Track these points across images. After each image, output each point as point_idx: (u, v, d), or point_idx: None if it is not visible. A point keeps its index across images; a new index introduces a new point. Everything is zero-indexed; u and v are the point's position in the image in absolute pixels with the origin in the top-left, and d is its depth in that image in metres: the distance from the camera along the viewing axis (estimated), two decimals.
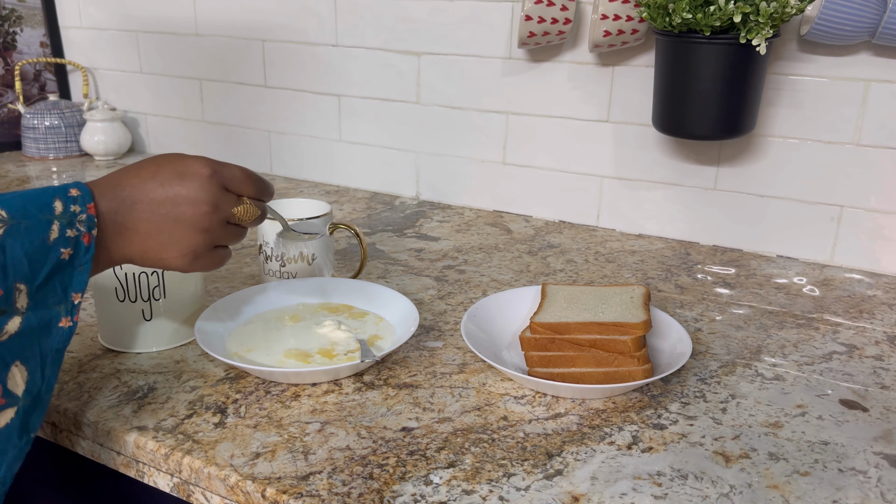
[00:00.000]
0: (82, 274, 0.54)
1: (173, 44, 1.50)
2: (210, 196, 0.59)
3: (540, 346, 0.72)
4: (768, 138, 1.05)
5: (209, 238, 0.60)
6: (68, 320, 0.54)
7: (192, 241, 0.59)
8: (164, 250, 0.59)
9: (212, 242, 0.61)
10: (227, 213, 0.61)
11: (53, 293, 0.53)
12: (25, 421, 0.52)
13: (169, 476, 0.63)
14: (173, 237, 0.58)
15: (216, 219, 0.60)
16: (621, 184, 1.16)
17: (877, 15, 0.89)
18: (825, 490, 0.59)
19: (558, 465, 0.61)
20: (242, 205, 0.63)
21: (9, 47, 1.61)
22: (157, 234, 0.58)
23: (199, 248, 0.60)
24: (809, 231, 1.06)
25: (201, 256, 0.61)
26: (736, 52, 0.91)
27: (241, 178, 0.62)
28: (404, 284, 0.96)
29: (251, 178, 0.63)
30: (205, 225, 0.59)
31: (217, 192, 0.60)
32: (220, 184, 0.60)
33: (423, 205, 1.30)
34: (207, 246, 0.61)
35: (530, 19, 1.04)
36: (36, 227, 0.51)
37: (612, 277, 1.00)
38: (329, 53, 1.33)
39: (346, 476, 0.59)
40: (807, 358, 0.80)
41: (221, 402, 0.69)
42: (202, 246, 0.60)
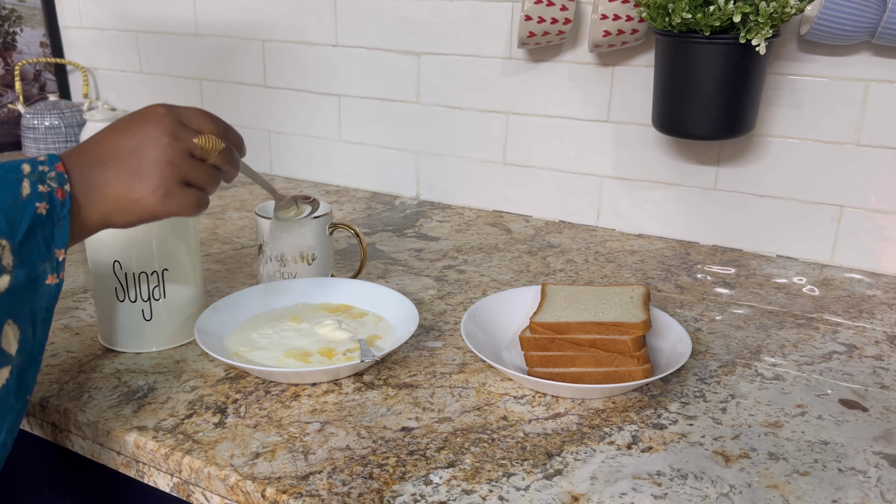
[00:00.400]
0: (62, 229, 0.55)
1: (173, 44, 1.50)
2: (168, 128, 0.60)
3: (540, 346, 0.72)
4: (768, 138, 1.05)
5: (176, 171, 0.60)
6: (55, 277, 0.55)
7: (160, 174, 0.59)
8: (134, 190, 0.58)
9: (180, 176, 0.60)
10: (189, 143, 0.61)
11: (37, 249, 0.54)
12: (21, 381, 0.53)
13: (169, 476, 0.64)
14: (141, 175, 0.58)
15: (178, 148, 0.60)
16: (621, 184, 1.16)
17: (876, 15, 0.89)
18: (825, 490, 0.59)
19: (558, 465, 0.61)
20: (203, 135, 0.62)
21: (9, 47, 1.61)
22: (124, 176, 0.58)
23: (168, 182, 0.59)
24: (809, 231, 1.06)
25: (173, 192, 0.59)
26: (736, 52, 0.91)
27: (198, 114, 0.63)
28: (404, 284, 0.96)
29: (209, 115, 0.64)
30: (168, 156, 0.59)
31: (174, 125, 0.60)
32: (176, 118, 0.61)
33: (423, 205, 1.30)
34: (176, 180, 0.60)
35: (530, 19, 1.04)
36: (5, 184, 0.52)
37: (611, 277, 1.00)
38: (329, 53, 1.33)
39: (346, 476, 0.59)
40: (807, 358, 0.80)
41: (221, 402, 0.69)
42: (170, 179, 0.59)
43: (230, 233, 1.15)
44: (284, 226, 0.88)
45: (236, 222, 1.19)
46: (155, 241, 0.75)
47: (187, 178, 0.60)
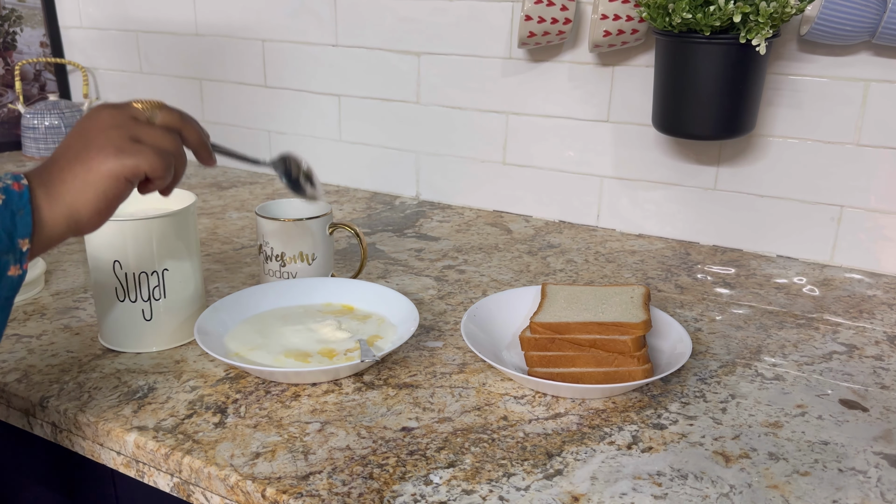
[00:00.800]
0: (24, 217, 0.54)
1: (173, 44, 1.50)
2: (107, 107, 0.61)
3: (540, 346, 0.72)
4: (768, 138, 1.05)
5: (122, 132, 0.59)
6: (17, 268, 0.54)
7: (106, 137, 0.58)
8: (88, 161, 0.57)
9: (127, 134, 0.59)
10: (129, 109, 0.61)
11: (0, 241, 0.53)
12: None
13: (169, 476, 0.63)
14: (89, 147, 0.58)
15: (119, 114, 0.60)
16: (621, 184, 1.16)
17: (877, 15, 0.89)
18: (825, 490, 0.59)
19: (558, 465, 0.61)
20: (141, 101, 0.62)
21: (9, 47, 1.61)
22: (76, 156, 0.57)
23: (117, 140, 0.58)
24: (809, 231, 1.06)
25: (124, 148, 0.58)
26: (736, 52, 0.91)
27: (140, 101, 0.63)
28: (404, 284, 0.96)
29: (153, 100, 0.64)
30: (110, 123, 0.59)
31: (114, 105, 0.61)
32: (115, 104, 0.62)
33: (423, 205, 1.30)
34: (124, 137, 0.59)
35: (530, 19, 1.04)
36: None
37: (612, 277, 1.00)
38: (329, 53, 1.33)
39: (346, 476, 0.59)
40: (807, 358, 0.80)
41: (221, 402, 0.69)
42: (118, 138, 0.58)
43: (230, 233, 1.15)
44: (285, 226, 0.88)
45: (236, 222, 1.19)
46: (155, 241, 0.75)
47: (136, 135, 0.59)
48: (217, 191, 1.36)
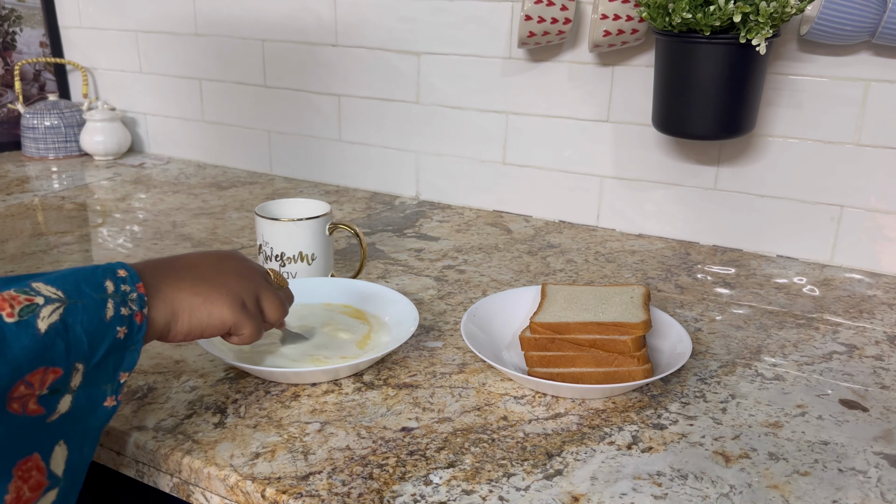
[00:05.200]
0: (133, 353, 0.54)
1: (173, 44, 1.50)
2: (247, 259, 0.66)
3: (540, 346, 0.72)
4: (768, 138, 1.05)
5: (253, 286, 0.63)
6: (113, 399, 0.53)
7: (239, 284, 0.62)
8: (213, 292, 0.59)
9: (256, 291, 0.63)
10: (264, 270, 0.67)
11: (105, 372, 0.52)
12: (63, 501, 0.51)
13: (169, 476, 0.63)
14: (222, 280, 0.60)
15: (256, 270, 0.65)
16: (621, 184, 1.16)
17: (877, 15, 0.89)
18: (825, 490, 0.59)
19: (558, 465, 0.61)
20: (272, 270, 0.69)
21: (8, 47, 1.61)
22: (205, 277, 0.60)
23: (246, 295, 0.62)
24: (809, 231, 1.06)
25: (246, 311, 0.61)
26: (736, 51, 0.91)
27: None
28: (404, 284, 0.96)
29: None
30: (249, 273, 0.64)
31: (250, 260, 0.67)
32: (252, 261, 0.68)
33: (422, 205, 1.30)
34: (251, 295, 0.62)
35: (530, 19, 1.04)
36: (92, 305, 0.50)
37: (612, 277, 1.00)
38: (329, 53, 1.33)
39: (345, 476, 0.59)
40: (807, 358, 0.80)
41: (221, 402, 0.69)
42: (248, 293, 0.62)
43: (230, 233, 1.15)
44: (284, 226, 0.88)
45: (236, 222, 1.19)
46: None
47: (260, 296, 0.63)
48: (217, 191, 1.36)
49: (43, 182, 1.41)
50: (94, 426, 0.52)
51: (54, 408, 0.49)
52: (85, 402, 0.51)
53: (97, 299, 0.51)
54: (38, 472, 0.48)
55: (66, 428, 0.50)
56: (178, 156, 1.59)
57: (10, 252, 1.05)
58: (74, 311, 0.49)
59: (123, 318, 0.52)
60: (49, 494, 0.49)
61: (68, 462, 0.50)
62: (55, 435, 0.49)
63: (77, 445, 0.51)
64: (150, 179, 1.43)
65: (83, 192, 1.35)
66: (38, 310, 0.47)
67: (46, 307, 0.48)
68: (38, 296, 0.48)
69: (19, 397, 0.47)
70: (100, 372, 0.51)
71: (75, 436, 0.51)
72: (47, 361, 0.47)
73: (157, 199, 1.31)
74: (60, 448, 0.50)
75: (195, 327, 0.58)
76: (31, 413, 0.47)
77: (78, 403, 0.50)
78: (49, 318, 0.48)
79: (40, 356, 0.47)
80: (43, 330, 0.47)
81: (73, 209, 1.26)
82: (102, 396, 0.52)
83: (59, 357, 0.48)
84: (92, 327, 0.50)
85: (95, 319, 0.50)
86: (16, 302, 0.47)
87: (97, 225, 1.20)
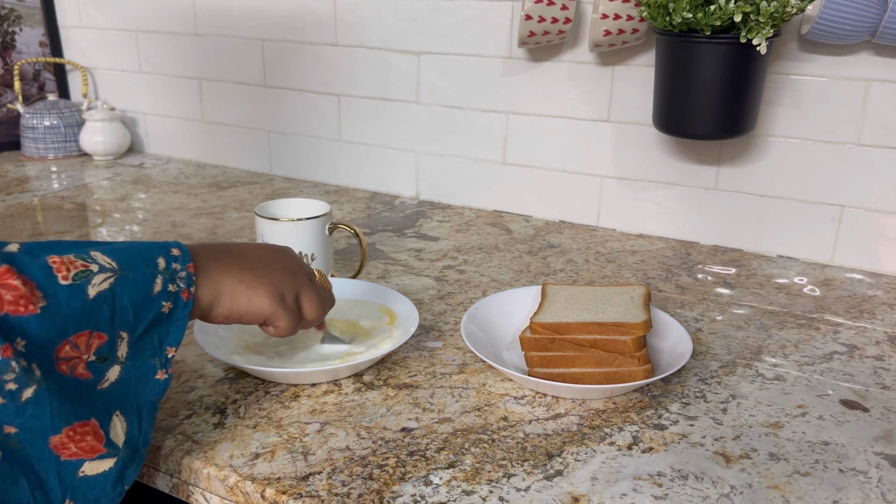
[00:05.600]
0: (179, 328, 0.56)
1: (173, 44, 1.50)
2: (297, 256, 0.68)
3: (540, 346, 0.72)
4: (768, 138, 1.05)
5: (296, 283, 0.64)
6: (164, 373, 0.56)
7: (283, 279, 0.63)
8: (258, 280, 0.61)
9: (298, 289, 0.64)
10: (311, 269, 0.69)
11: (150, 345, 0.55)
12: (122, 473, 0.53)
13: (168, 476, 0.63)
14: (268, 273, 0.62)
15: (303, 268, 0.67)
16: (621, 184, 1.16)
17: (877, 14, 0.89)
18: (825, 490, 0.59)
19: (558, 466, 0.61)
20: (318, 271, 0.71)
21: (8, 47, 1.61)
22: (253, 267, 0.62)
23: (287, 290, 0.63)
24: (810, 231, 1.06)
25: (285, 304, 0.63)
26: (736, 51, 0.90)
27: None
28: (404, 284, 0.96)
29: None
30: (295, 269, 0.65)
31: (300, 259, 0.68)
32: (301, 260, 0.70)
33: (422, 205, 1.29)
34: (292, 290, 0.64)
35: (530, 19, 1.03)
36: (142, 279, 0.53)
37: (612, 277, 1.00)
38: (329, 53, 1.33)
39: (345, 476, 0.59)
40: (807, 358, 0.80)
41: (221, 403, 0.69)
42: (289, 288, 0.63)
43: (230, 233, 1.14)
44: (284, 226, 0.88)
45: (236, 222, 1.19)
46: None
47: (301, 293, 0.65)
48: (217, 191, 1.36)
49: (42, 182, 1.41)
50: (147, 399, 0.55)
51: (103, 374, 0.52)
52: (134, 373, 0.54)
53: (147, 273, 0.54)
54: (95, 437, 0.51)
55: (120, 398, 0.53)
56: (177, 156, 1.59)
57: None
58: (124, 282, 0.52)
59: (170, 294, 0.55)
60: (106, 461, 0.51)
61: (128, 434, 0.53)
62: (110, 404, 0.52)
63: (134, 417, 0.54)
64: (149, 179, 1.43)
65: (83, 192, 1.35)
66: (92, 277, 0.51)
67: (99, 275, 0.51)
68: (94, 263, 0.51)
69: (67, 359, 0.50)
70: (145, 344, 0.54)
71: (131, 408, 0.54)
72: (93, 325, 0.51)
73: (157, 199, 1.31)
74: (119, 419, 0.53)
75: (234, 311, 0.60)
76: (79, 376, 0.50)
77: (127, 374, 0.53)
78: (100, 286, 0.51)
79: (86, 319, 0.50)
80: (92, 296, 0.50)
81: (72, 209, 1.26)
82: (152, 369, 0.55)
83: (104, 323, 0.51)
84: (138, 299, 0.53)
85: (143, 292, 0.53)
86: (73, 266, 0.50)
87: (97, 225, 1.20)
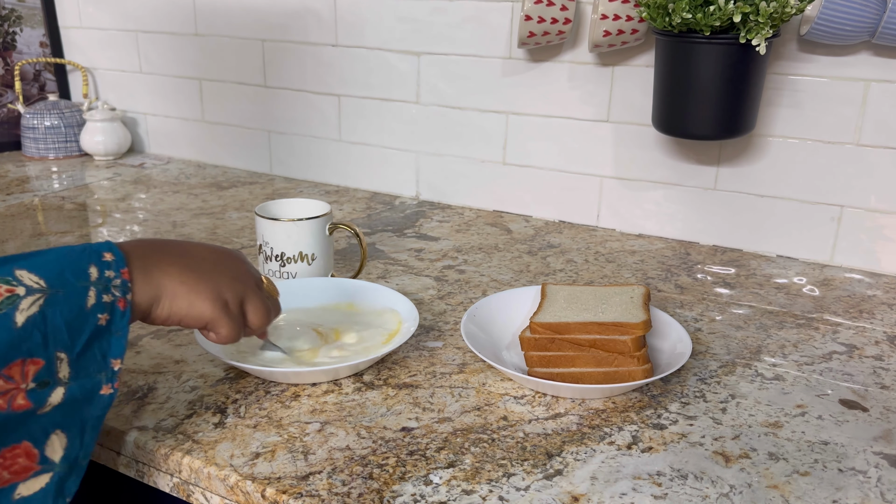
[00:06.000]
0: (120, 339, 0.53)
1: (173, 44, 1.50)
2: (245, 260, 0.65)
3: (540, 346, 0.72)
4: (768, 138, 1.05)
5: (240, 288, 0.62)
6: (109, 387, 0.53)
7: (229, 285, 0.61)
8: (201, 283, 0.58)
9: (241, 294, 0.62)
10: (259, 275, 0.66)
11: (94, 361, 0.52)
12: (60, 487, 0.51)
13: (169, 476, 0.63)
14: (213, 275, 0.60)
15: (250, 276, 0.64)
16: (621, 184, 1.16)
17: (877, 15, 0.89)
18: (825, 490, 0.59)
19: (558, 465, 0.61)
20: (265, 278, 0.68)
21: (8, 47, 1.61)
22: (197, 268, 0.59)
23: (231, 296, 0.61)
24: (809, 231, 1.06)
25: (228, 312, 0.60)
26: (736, 51, 0.91)
27: None
28: (404, 284, 0.96)
29: None
30: (241, 275, 0.62)
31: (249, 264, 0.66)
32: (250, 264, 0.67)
33: (422, 205, 1.30)
34: (237, 296, 0.61)
35: (530, 19, 1.04)
36: (73, 294, 0.50)
37: (612, 277, 1.00)
38: (329, 53, 1.33)
39: (345, 476, 0.59)
40: (807, 358, 0.80)
41: (221, 402, 0.69)
42: (233, 294, 0.61)
43: (230, 233, 1.15)
44: (284, 226, 0.88)
45: (236, 222, 1.19)
46: None
47: (246, 299, 0.62)
48: (217, 191, 1.36)
49: (43, 182, 1.41)
50: (93, 415, 0.53)
51: (44, 401, 0.49)
52: (79, 392, 0.51)
53: (78, 287, 0.51)
54: (28, 458, 0.49)
55: (62, 418, 0.51)
56: (178, 156, 1.59)
57: (10, 252, 1.05)
58: (54, 301, 0.49)
59: (105, 306, 0.52)
60: (41, 477, 0.50)
61: (67, 450, 0.51)
62: (49, 425, 0.50)
63: (76, 434, 0.52)
64: (150, 179, 1.43)
65: (83, 192, 1.35)
66: (18, 301, 0.47)
67: (27, 299, 0.48)
68: (20, 286, 0.48)
69: (2, 393, 0.47)
70: (88, 361, 0.52)
71: (74, 425, 0.51)
72: (24, 353, 0.48)
73: (157, 199, 1.31)
74: (58, 436, 0.50)
75: (174, 314, 0.57)
76: (17, 409, 0.48)
77: (72, 394, 0.51)
78: (28, 311, 0.48)
79: (15, 349, 0.47)
80: (20, 323, 0.47)
81: (73, 209, 1.26)
82: (98, 385, 0.52)
83: (37, 348, 0.48)
84: (71, 316, 0.50)
85: (75, 308, 0.50)
86: None
87: (97, 225, 1.20)
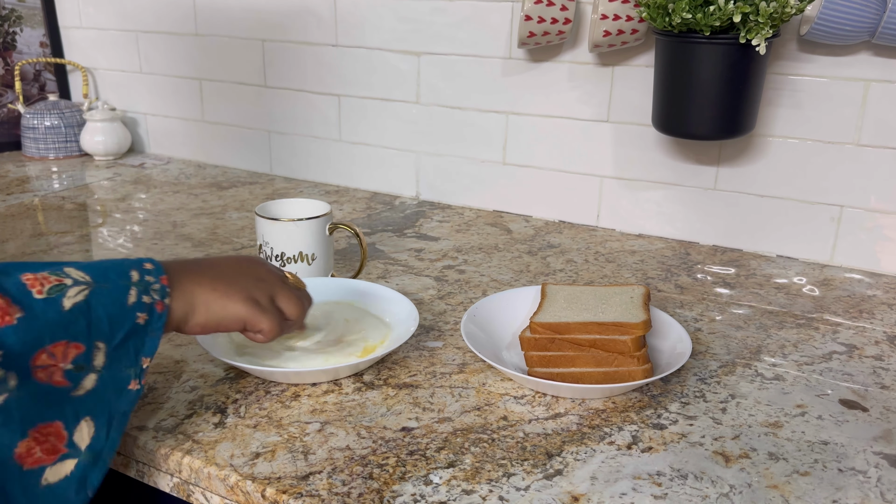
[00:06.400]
0: (154, 339, 0.57)
1: (173, 44, 1.50)
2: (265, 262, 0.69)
3: (540, 346, 0.72)
4: (768, 138, 1.05)
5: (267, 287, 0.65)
6: (136, 383, 0.57)
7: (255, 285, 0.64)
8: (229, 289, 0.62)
9: (269, 291, 0.65)
10: (282, 273, 0.69)
11: (127, 355, 0.56)
12: (84, 477, 0.53)
13: (169, 476, 0.63)
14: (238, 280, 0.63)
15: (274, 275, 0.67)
16: (621, 184, 1.16)
17: (877, 15, 0.89)
18: (825, 490, 0.59)
19: (558, 465, 0.61)
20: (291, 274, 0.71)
21: (9, 47, 1.61)
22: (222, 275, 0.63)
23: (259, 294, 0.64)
24: (809, 231, 1.06)
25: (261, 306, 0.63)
26: (736, 52, 0.91)
27: None
28: (404, 284, 0.96)
29: None
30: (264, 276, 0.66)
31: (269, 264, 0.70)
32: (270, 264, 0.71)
33: (423, 205, 1.30)
34: (265, 293, 0.65)
35: (530, 19, 1.04)
36: (116, 290, 0.55)
37: (612, 277, 1.00)
38: (329, 53, 1.33)
39: (345, 476, 0.59)
40: (807, 358, 0.80)
41: (221, 402, 0.69)
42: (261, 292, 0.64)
43: (230, 233, 1.15)
44: (284, 226, 0.88)
45: (236, 222, 1.19)
46: None
47: (276, 295, 0.65)
48: (217, 191, 1.36)
49: (43, 182, 1.41)
50: (119, 409, 0.56)
51: (79, 383, 0.53)
52: (110, 382, 0.55)
53: (121, 285, 0.55)
54: (58, 438, 0.52)
55: (93, 405, 0.54)
56: (178, 156, 1.59)
57: (11, 252, 1.05)
58: (99, 293, 0.54)
59: (144, 305, 0.56)
60: (67, 462, 0.52)
61: (94, 439, 0.54)
62: (81, 409, 0.53)
63: (103, 424, 0.55)
64: (150, 179, 1.43)
65: (83, 192, 1.35)
66: (66, 290, 0.52)
67: (73, 288, 0.53)
68: (68, 278, 0.53)
69: (44, 367, 0.51)
70: (122, 354, 0.55)
71: (102, 415, 0.55)
72: (69, 336, 0.52)
73: (158, 199, 1.31)
74: (87, 423, 0.54)
75: (211, 320, 0.61)
76: (55, 384, 0.52)
77: (104, 383, 0.54)
78: (74, 298, 0.52)
79: (62, 329, 0.52)
80: (67, 307, 0.52)
81: (73, 209, 1.26)
82: (127, 379, 0.56)
83: (81, 333, 0.53)
84: (113, 310, 0.54)
85: (117, 304, 0.54)
86: (46, 282, 0.52)
87: (97, 225, 1.20)
